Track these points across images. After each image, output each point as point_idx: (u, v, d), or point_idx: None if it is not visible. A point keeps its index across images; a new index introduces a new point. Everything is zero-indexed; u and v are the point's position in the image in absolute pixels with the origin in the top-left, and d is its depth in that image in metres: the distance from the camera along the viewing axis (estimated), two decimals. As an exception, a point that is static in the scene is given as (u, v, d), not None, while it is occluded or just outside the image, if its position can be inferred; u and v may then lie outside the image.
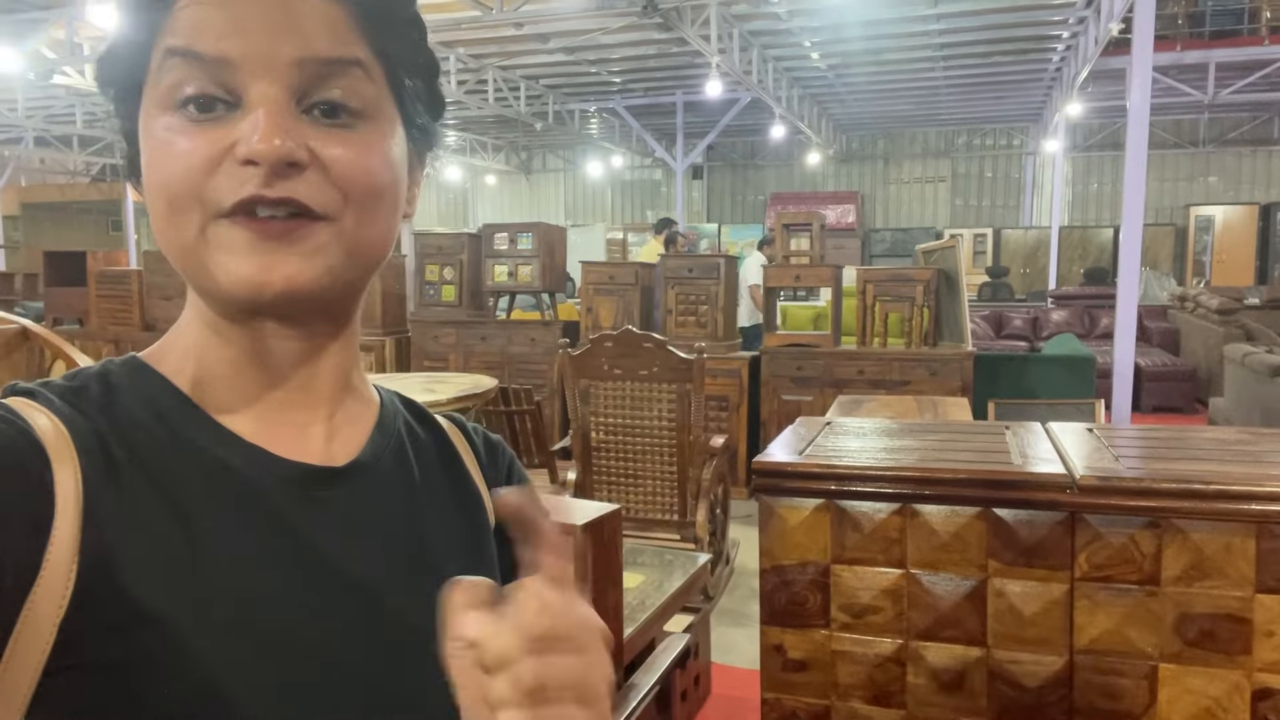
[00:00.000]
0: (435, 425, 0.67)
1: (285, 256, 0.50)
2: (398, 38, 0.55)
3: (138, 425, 0.52)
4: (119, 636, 0.46)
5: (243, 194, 0.49)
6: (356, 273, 0.54)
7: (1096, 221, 14.68)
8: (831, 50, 9.68)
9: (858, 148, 15.99)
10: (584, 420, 3.45)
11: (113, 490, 0.48)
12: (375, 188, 0.52)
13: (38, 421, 0.48)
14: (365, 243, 0.53)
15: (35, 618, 0.45)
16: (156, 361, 0.56)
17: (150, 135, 0.51)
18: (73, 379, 0.53)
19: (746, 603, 3.71)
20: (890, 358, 4.99)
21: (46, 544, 0.45)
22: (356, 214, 0.52)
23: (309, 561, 0.53)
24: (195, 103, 0.49)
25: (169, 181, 0.49)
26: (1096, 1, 7.74)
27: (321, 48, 0.50)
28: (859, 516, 1.46)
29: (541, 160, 17.97)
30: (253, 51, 0.49)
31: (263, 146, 0.48)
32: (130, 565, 0.47)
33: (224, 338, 0.54)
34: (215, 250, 0.50)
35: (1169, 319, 9.46)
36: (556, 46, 9.20)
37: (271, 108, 0.49)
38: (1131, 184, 5.35)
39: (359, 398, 0.61)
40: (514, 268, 5.98)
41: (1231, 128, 14.00)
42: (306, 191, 0.50)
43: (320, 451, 0.56)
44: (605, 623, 1.44)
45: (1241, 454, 1.50)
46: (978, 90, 11.89)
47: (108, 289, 6.81)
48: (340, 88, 0.51)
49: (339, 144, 0.51)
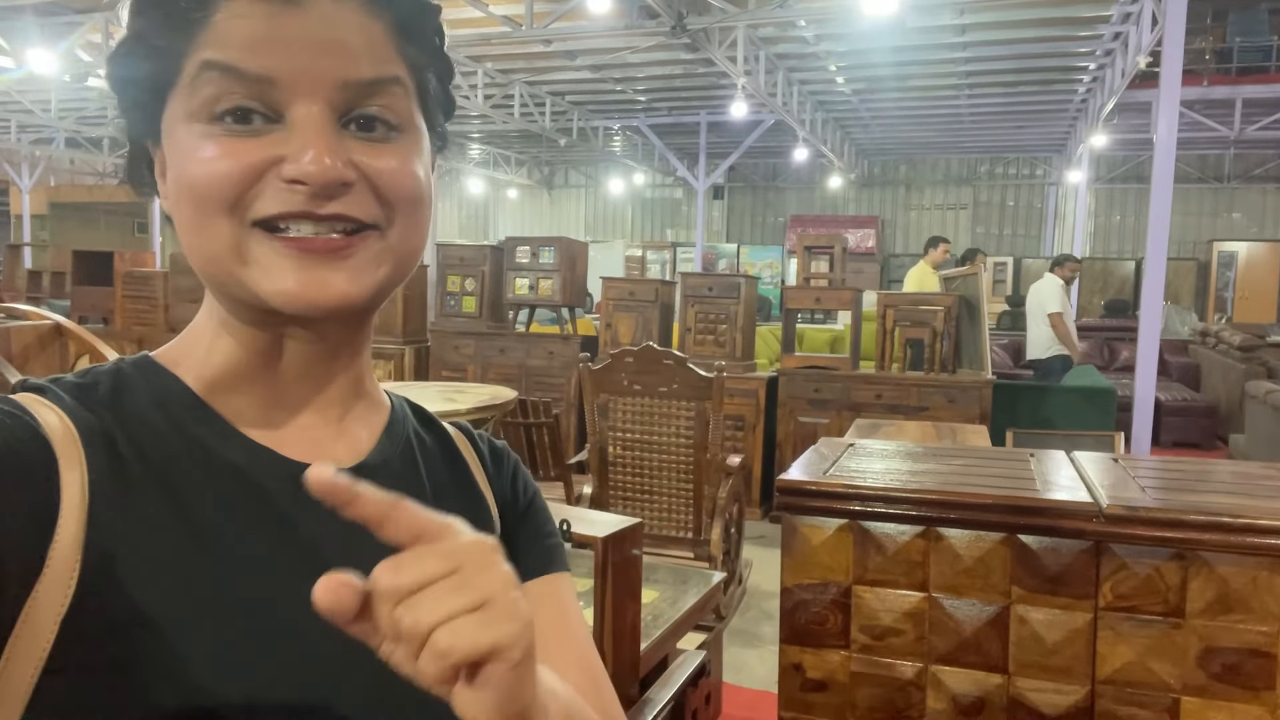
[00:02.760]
0: (441, 430, 0.67)
1: (335, 272, 0.50)
2: (427, 49, 0.55)
3: (146, 424, 0.52)
4: (120, 636, 0.45)
5: (289, 208, 0.49)
6: (398, 281, 0.55)
7: (1118, 254, 14.62)
8: (857, 75, 9.71)
9: (879, 172, 16.01)
10: (602, 435, 3.46)
11: (119, 489, 0.48)
12: (417, 197, 0.54)
13: (47, 419, 0.48)
14: (410, 251, 0.54)
15: (37, 615, 0.44)
16: (169, 361, 0.56)
17: (181, 142, 0.50)
18: (84, 376, 0.53)
19: (758, 624, 3.69)
20: (909, 383, 4.98)
21: (50, 542, 0.45)
22: (402, 223, 0.53)
23: (314, 562, 0.52)
24: (233, 114, 0.49)
25: (201, 189, 0.49)
26: (1124, 34, 7.75)
27: (365, 68, 0.50)
28: (882, 538, 1.46)
29: (564, 176, 18.07)
30: (296, 70, 0.48)
31: (314, 168, 0.48)
32: (134, 565, 0.47)
33: (239, 340, 0.54)
34: (253, 263, 0.50)
35: (1190, 354, 9.39)
36: (584, 64, 9.28)
37: (317, 127, 0.49)
38: (1156, 217, 5.34)
39: (369, 401, 0.61)
40: (535, 281, 6.02)
41: (1257, 164, 13.94)
42: (357, 208, 0.50)
43: (329, 453, 0.56)
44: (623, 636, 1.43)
45: (1268, 488, 1.49)
46: (1002, 119, 11.90)
47: (134, 289, 6.89)
48: (379, 105, 0.51)
49: (380, 156, 0.51)
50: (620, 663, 1.69)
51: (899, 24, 7.39)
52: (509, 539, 0.65)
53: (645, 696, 1.78)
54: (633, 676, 1.77)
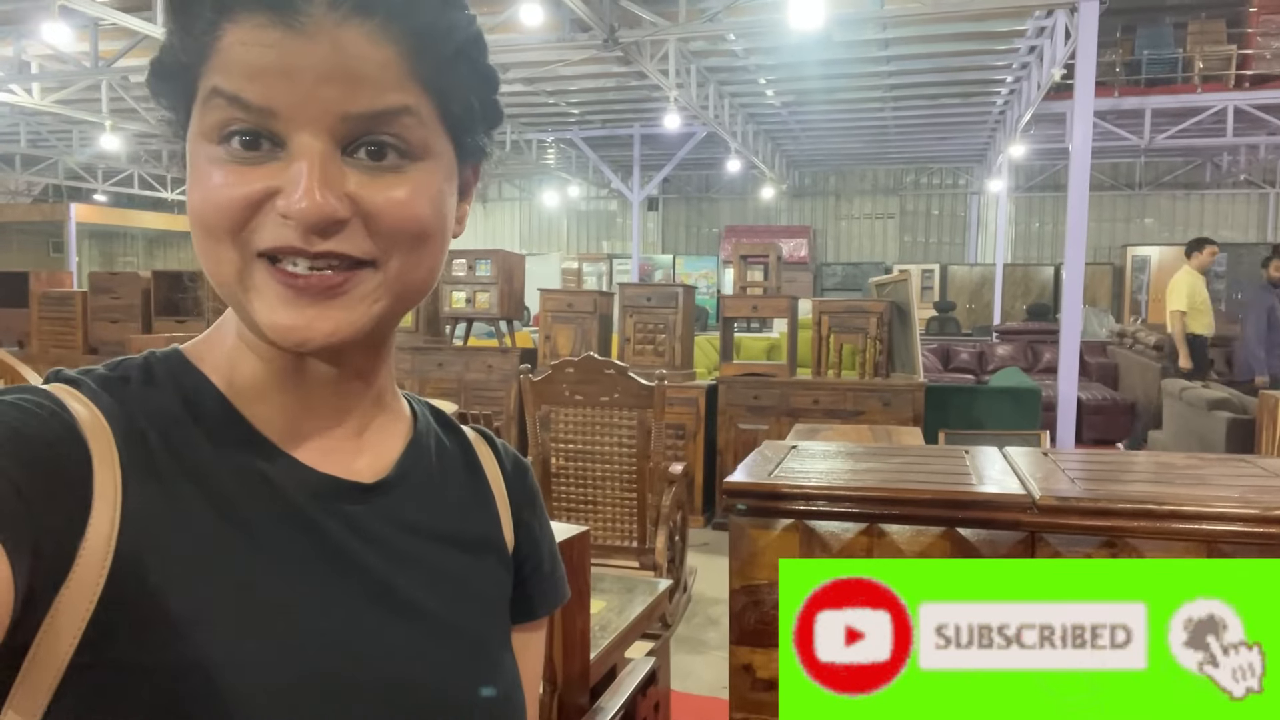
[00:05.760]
0: (462, 436, 0.67)
1: (327, 311, 0.50)
2: (451, 69, 0.52)
3: (177, 421, 0.52)
4: (147, 633, 0.46)
5: (282, 243, 0.48)
6: (401, 311, 0.54)
7: (1038, 259, 15.13)
8: (786, 88, 9.90)
9: (810, 183, 16.31)
10: (544, 446, 3.44)
11: (151, 486, 0.48)
12: (422, 232, 0.52)
13: (80, 413, 0.48)
14: (411, 284, 0.53)
15: (66, 610, 0.44)
16: (198, 359, 0.55)
17: (193, 162, 0.50)
18: (115, 369, 0.53)
19: (703, 630, 3.71)
20: (845, 388, 5.08)
21: (82, 538, 0.45)
22: (402, 259, 0.51)
23: (337, 570, 0.53)
24: (240, 138, 0.49)
25: (206, 215, 0.49)
26: (1039, 48, 8.05)
27: (369, 99, 0.49)
28: (827, 536, 1.49)
29: (497, 189, 17.98)
30: (298, 101, 0.48)
31: (304, 205, 0.47)
32: (164, 563, 0.47)
33: (259, 355, 0.54)
34: (254, 294, 0.50)
35: (1108, 354, 9.75)
36: (516, 77, 9.27)
37: (314, 160, 0.48)
38: (1074, 223, 5.54)
39: (391, 412, 0.61)
40: (472, 294, 5.97)
41: (1166, 171, 14.59)
42: (349, 245, 0.49)
43: (350, 465, 0.56)
44: (573, 646, 1.44)
45: (1190, 477, 1.57)
46: (925, 130, 12.24)
47: (50, 311, 6.64)
48: (388, 134, 0.50)
49: (385, 189, 0.50)
50: (570, 672, 1.69)
51: (825, 38, 7.56)
52: (521, 557, 0.66)
53: (596, 705, 1.78)
54: (583, 686, 1.77)
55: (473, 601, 0.60)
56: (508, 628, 0.64)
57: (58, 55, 7.86)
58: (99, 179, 15.02)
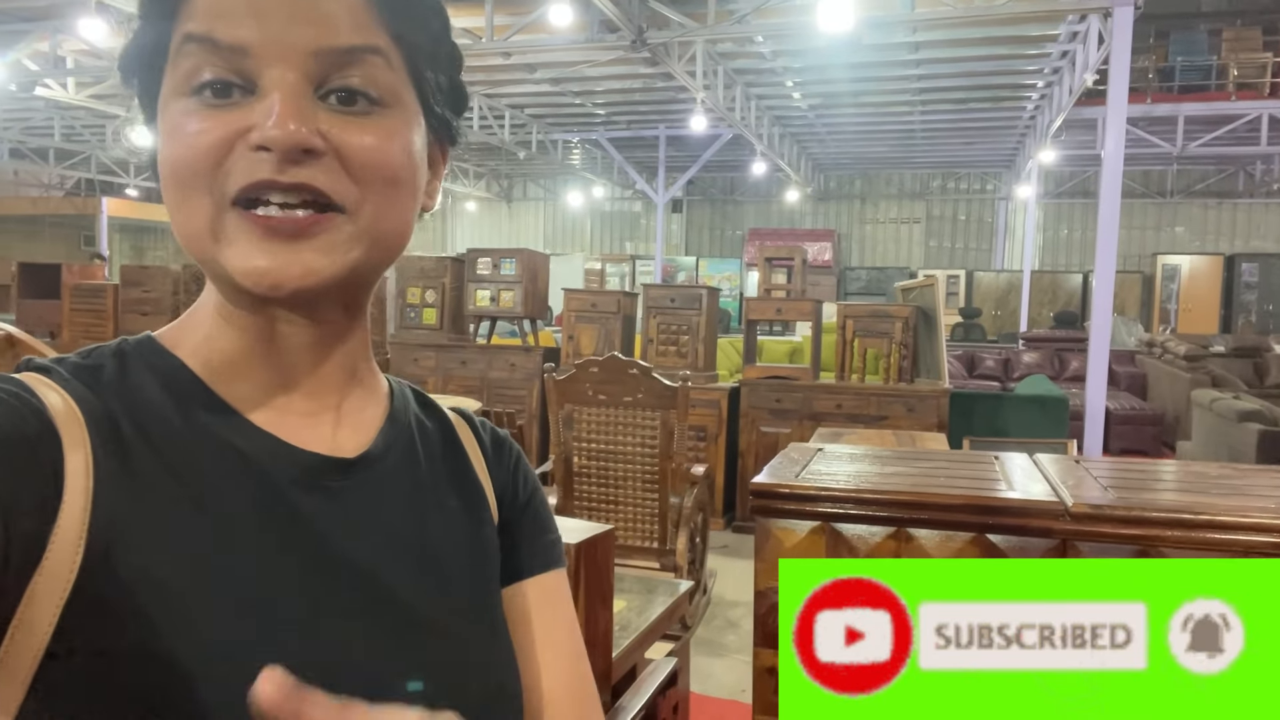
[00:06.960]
0: (442, 416, 0.66)
1: (301, 252, 0.49)
2: (418, 26, 0.54)
3: (150, 406, 0.51)
4: (122, 620, 0.45)
5: (254, 178, 0.48)
6: (375, 264, 0.53)
7: (1066, 267, 14.98)
8: (813, 91, 9.86)
9: (835, 187, 16.24)
10: (566, 445, 3.45)
11: (122, 473, 0.48)
12: (394, 176, 0.52)
13: (51, 400, 0.47)
14: (384, 233, 0.52)
15: (39, 599, 0.44)
16: (171, 343, 0.55)
17: (165, 119, 0.50)
18: (87, 356, 0.52)
19: (723, 633, 3.70)
20: (868, 393, 5.05)
21: (53, 526, 0.45)
22: (375, 204, 0.51)
23: (316, 550, 0.52)
24: (212, 88, 0.49)
25: (179, 164, 0.49)
26: (1071, 53, 7.97)
27: (340, 36, 0.49)
28: (854, 539, 1.47)
29: (522, 189, 18.05)
30: (270, 39, 0.48)
31: (277, 132, 0.47)
32: (137, 550, 0.46)
33: (235, 324, 0.54)
34: (227, 243, 0.49)
35: (1137, 364, 9.64)
36: (543, 77, 9.30)
37: (287, 93, 0.48)
38: (1105, 231, 5.48)
39: (368, 388, 0.60)
40: (496, 293, 5.99)
41: (1198, 179, 14.40)
42: (323, 179, 0.49)
43: (329, 441, 0.56)
44: (596, 644, 1.43)
45: (1225, 486, 1.54)
46: (954, 135, 12.15)
47: (82, 303, 6.73)
48: (358, 75, 0.50)
49: (357, 131, 0.50)
50: (593, 670, 1.69)
51: (854, 41, 7.52)
52: (508, 531, 0.65)
53: (618, 704, 1.77)
54: (605, 684, 1.77)
55: (458, 580, 0.59)
56: (498, 605, 0.62)
57: (93, 51, 7.96)
58: (130, 174, 15.22)
